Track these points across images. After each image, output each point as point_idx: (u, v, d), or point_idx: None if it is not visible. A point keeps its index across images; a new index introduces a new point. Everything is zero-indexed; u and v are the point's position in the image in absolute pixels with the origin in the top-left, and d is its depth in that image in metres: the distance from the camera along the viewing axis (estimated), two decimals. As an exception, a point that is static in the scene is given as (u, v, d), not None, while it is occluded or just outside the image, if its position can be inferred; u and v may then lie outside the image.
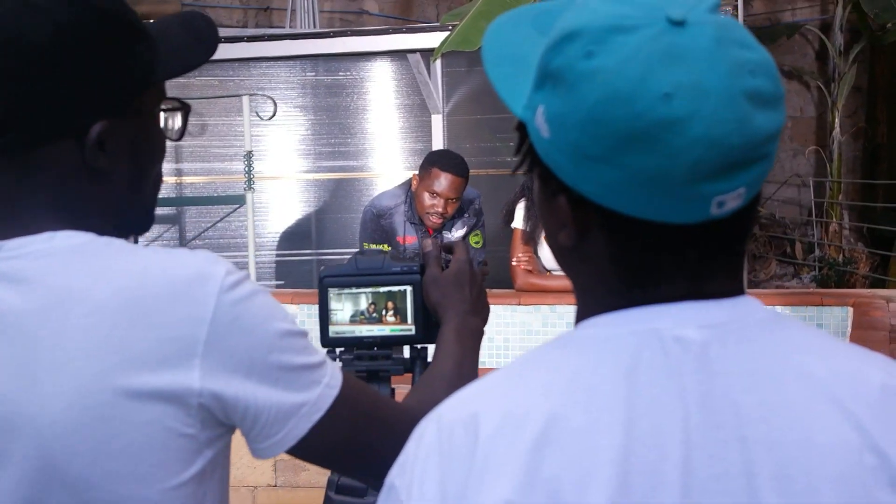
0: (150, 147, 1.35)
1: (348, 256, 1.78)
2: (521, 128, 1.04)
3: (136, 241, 1.35)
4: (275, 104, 6.48)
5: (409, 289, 1.74)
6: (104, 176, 1.27)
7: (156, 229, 7.34)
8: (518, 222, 5.43)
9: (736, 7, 6.38)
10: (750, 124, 0.94)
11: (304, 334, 1.25)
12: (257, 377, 1.19)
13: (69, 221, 1.24)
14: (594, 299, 1.04)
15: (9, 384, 1.16)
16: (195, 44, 1.39)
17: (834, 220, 10.88)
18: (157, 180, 1.39)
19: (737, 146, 0.93)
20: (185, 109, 1.41)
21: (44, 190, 1.24)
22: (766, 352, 0.98)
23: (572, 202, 1.00)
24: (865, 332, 3.94)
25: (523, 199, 5.47)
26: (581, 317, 1.05)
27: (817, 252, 10.79)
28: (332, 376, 1.26)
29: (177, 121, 1.39)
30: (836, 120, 11.06)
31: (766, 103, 0.95)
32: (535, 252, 5.36)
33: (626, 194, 0.96)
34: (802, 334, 1.01)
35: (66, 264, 1.20)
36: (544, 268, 5.34)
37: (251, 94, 6.57)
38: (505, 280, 5.63)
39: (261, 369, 1.20)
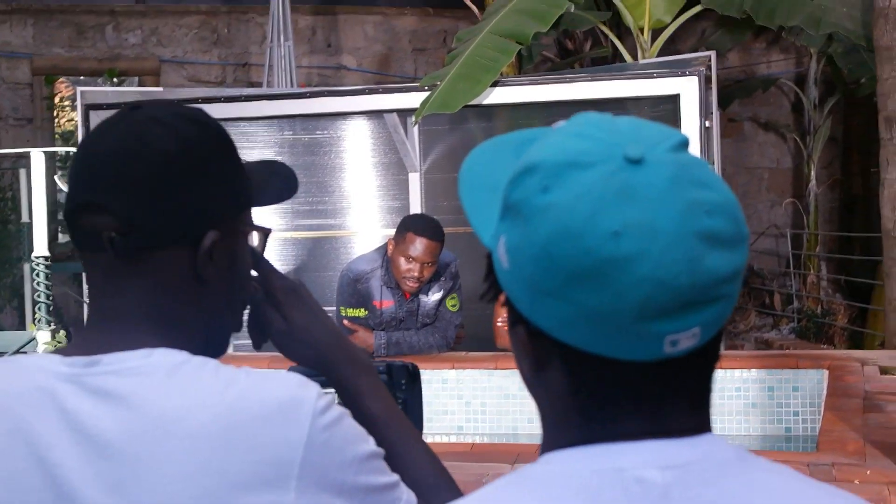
0: (244, 265, 1.43)
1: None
2: (489, 256, 1.04)
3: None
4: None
5: None
6: (207, 286, 1.34)
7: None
8: None
9: (709, 66, 6.41)
10: (701, 265, 0.93)
11: (381, 455, 1.31)
12: (346, 497, 1.24)
13: (164, 333, 1.30)
14: (556, 430, 1.03)
15: (107, 502, 1.20)
16: (283, 182, 1.49)
17: (812, 271, 10.93)
18: (244, 304, 1.46)
19: (686, 286, 0.92)
20: (267, 233, 1.47)
21: (149, 295, 1.30)
22: (729, 496, 0.96)
23: (530, 333, 1.00)
24: (840, 400, 3.95)
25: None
26: (545, 447, 1.04)
27: (796, 304, 10.82)
28: (407, 495, 1.32)
29: (258, 242, 1.46)
30: (812, 172, 11.14)
31: (723, 244, 0.94)
32: None
33: (579, 329, 0.96)
34: (767, 476, 1.00)
35: (163, 385, 1.24)
36: None
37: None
38: (486, 336, 5.64)
39: (349, 489, 1.25)
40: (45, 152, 3.44)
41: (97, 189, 1.30)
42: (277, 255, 7.65)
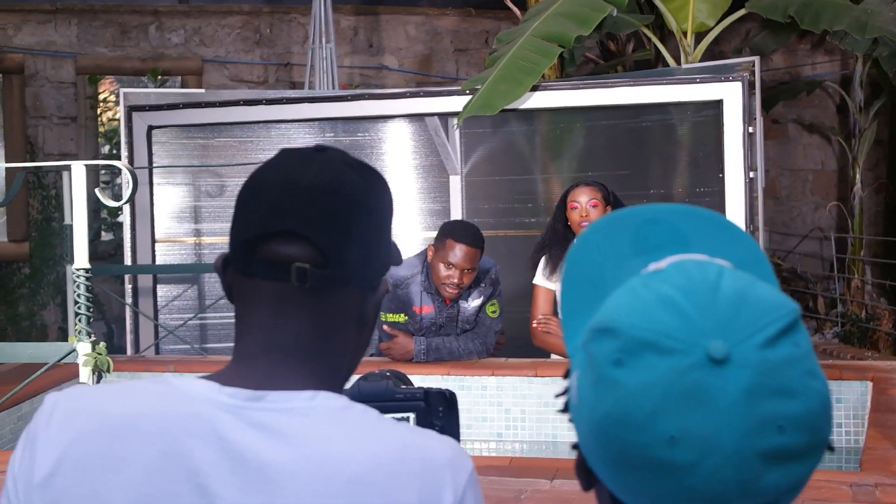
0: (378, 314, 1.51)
1: None
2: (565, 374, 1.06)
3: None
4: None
5: (412, 416, 1.74)
6: (363, 330, 1.41)
7: (175, 290, 7.35)
8: (538, 278, 5.46)
9: (753, 71, 6.35)
10: (756, 484, 0.91)
11: None
12: None
13: (319, 370, 1.35)
14: None
15: None
16: (396, 249, 1.52)
17: (856, 275, 10.83)
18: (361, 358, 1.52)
19: (735, 500, 0.91)
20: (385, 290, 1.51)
21: (318, 332, 1.35)
22: None
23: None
24: (884, 416, 3.90)
25: (545, 254, 5.49)
26: None
27: (840, 307, 10.73)
28: None
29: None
30: (858, 175, 11.04)
31: (791, 458, 0.91)
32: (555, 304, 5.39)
33: (621, 493, 0.97)
34: None
35: (327, 427, 1.27)
36: None
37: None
38: (526, 338, 5.62)
39: None
40: (86, 165, 3.43)
41: (298, 219, 1.33)
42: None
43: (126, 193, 3.41)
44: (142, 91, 7.99)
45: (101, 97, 11.43)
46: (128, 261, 6.96)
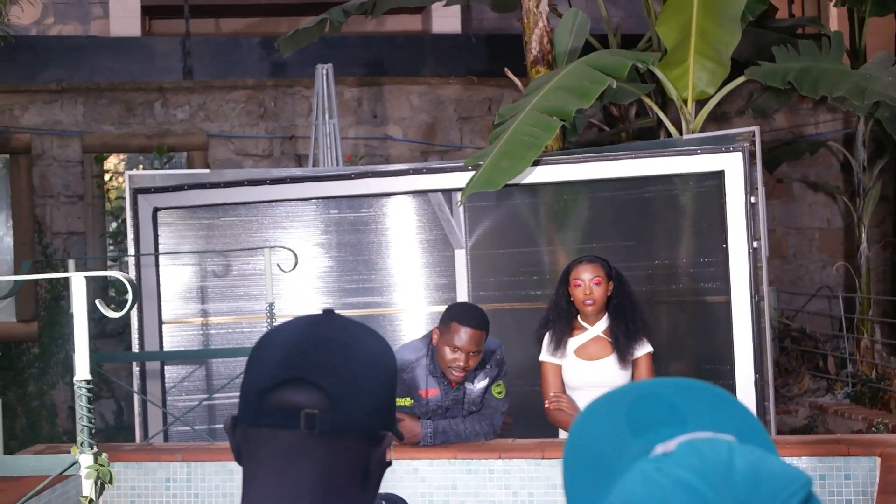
0: (382, 471, 1.52)
1: None
2: None
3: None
4: (296, 256, 6.51)
5: None
6: (368, 483, 1.45)
7: (183, 370, 7.36)
8: (544, 355, 5.47)
9: (753, 141, 6.38)
10: None
11: None
12: None
13: None
14: None
15: None
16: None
17: (866, 335, 10.79)
18: None
19: None
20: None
21: (323, 481, 1.39)
22: None
23: None
24: (891, 498, 3.87)
25: (548, 330, 5.50)
26: None
27: (850, 367, 10.68)
28: None
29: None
30: (864, 234, 11.03)
31: None
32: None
33: None
34: None
35: None
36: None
37: (272, 247, 6.61)
38: (534, 413, 5.62)
39: None
40: (86, 276, 3.47)
41: (307, 367, 1.40)
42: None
43: (129, 299, 3.42)
44: (147, 173, 8.05)
45: (108, 169, 11.49)
46: (135, 343, 6.97)
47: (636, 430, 1.03)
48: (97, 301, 3.44)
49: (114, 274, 3.48)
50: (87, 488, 3.47)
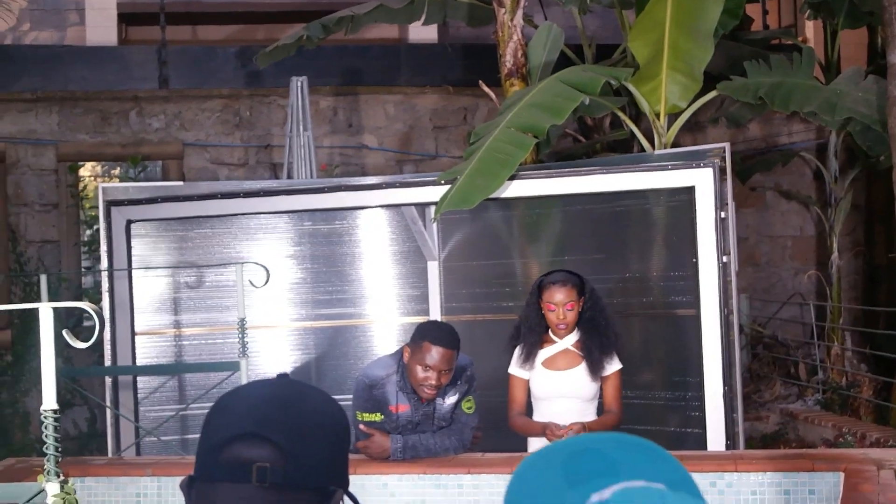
0: None
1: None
2: None
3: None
4: (267, 272, 6.54)
5: None
6: None
7: (155, 381, 7.36)
8: (513, 368, 5.52)
9: (724, 157, 6.44)
10: None
11: None
12: None
13: None
14: None
15: None
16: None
17: (836, 342, 10.88)
18: None
19: None
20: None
21: None
22: None
23: None
24: (852, 518, 3.93)
25: (518, 343, 5.55)
26: None
27: (821, 374, 10.77)
28: None
29: None
30: (835, 244, 11.12)
31: None
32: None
33: None
34: None
35: None
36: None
37: (243, 262, 6.63)
38: (503, 423, 5.67)
39: None
40: (53, 308, 3.50)
41: (259, 422, 1.44)
42: (298, 345, 7.71)
43: (96, 328, 3.45)
44: (120, 186, 8.06)
45: (83, 177, 11.47)
46: (107, 355, 6.98)
47: (572, 483, 1.07)
48: (64, 332, 3.47)
49: (81, 305, 3.51)
50: (54, 516, 3.50)
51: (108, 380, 7.06)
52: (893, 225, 10.00)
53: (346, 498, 1.57)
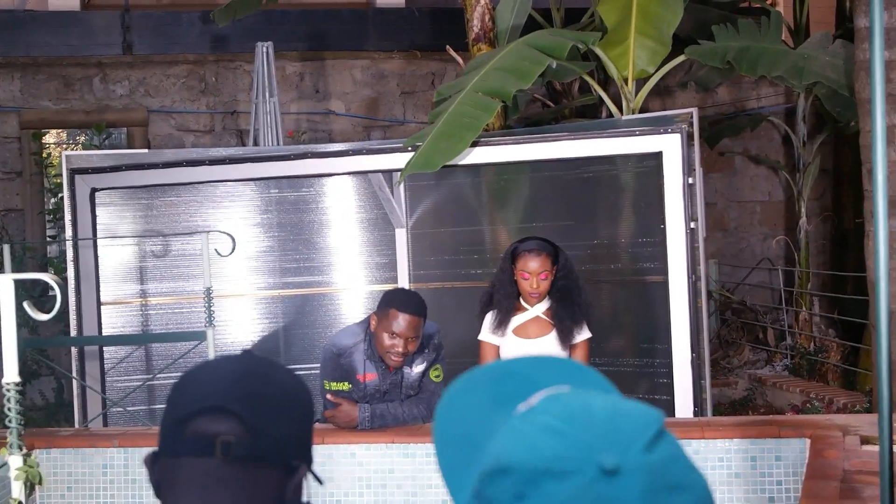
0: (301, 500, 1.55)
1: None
2: None
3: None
4: (233, 241, 6.48)
5: None
6: None
7: (122, 351, 7.31)
8: (484, 334, 5.48)
9: (691, 123, 6.41)
10: None
11: None
12: None
13: None
14: None
15: None
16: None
17: (804, 308, 10.92)
18: None
19: None
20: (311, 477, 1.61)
21: (244, 502, 1.43)
22: None
23: None
24: (817, 484, 3.93)
25: (490, 310, 5.51)
26: None
27: (789, 340, 10.82)
28: None
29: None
30: (803, 209, 11.14)
31: None
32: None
33: None
34: None
35: None
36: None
37: (209, 232, 6.57)
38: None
39: None
40: (14, 280, 3.44)
41: (225, 397, 1.44)
42: (265, 314, 7.66)
43: (58, 300, 3.39)
44: (84, 154, 7.97)
45: (46, 145, 11.35)
46: (73, 325, 6.91)
47: (498, 403, 1.06)
48: (25, 303, 3.41)
49: (43, 277, 3.45)
50: (17, 490, 3.46)
51: (75, 350, 6.99)
52: (861, 189, 10.03)
53: (309, 475, 1.56)
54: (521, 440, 0.98)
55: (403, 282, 7.41)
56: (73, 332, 6.91)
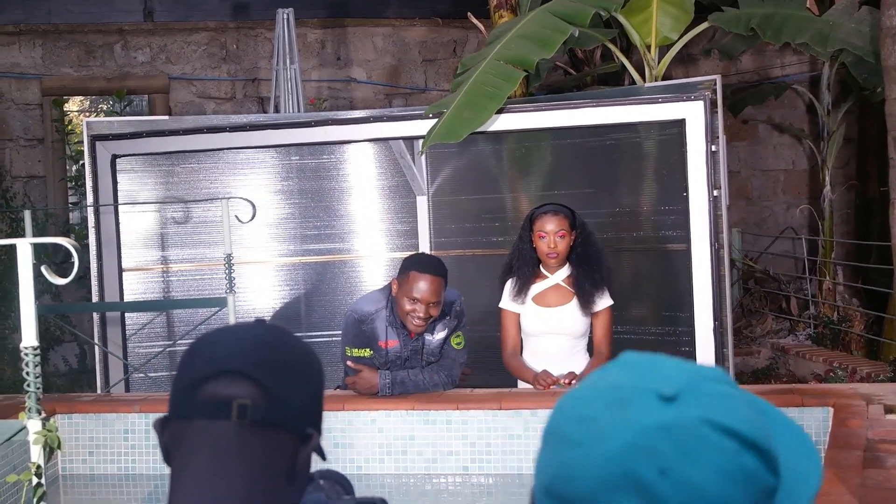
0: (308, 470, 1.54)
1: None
2: None
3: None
4: (253, 207, 6.47)
5: None
6: (295, 481, 1.46)
7: (144, 317, 7.32)
8: (505, 302, 5.48)
9: (714, 90, 6.35)
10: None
11: None
12: None
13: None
14: None
15: None
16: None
17: (828, 277, 10.86)
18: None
19: None
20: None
21: (253, 476, 1.41)
22: None
23: None
24: (840, 453, 3.91)
25: (510, 277, 5.50)
26: None
27: (812, 309, 10.76)
28: None
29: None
30: (827, 177, 11.05)
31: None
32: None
33: None
34: None
35: None
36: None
37: (229, 198, 6.56)
38: (493, 361, 5.65)
39: None
40: (33, 244, 3.44)
41: (242, 361, 1.43)
42: (286, 280, 7.66)
43: (75, 265, 3.39)
44: (105, 120, 7.96)
45: (69, 112, 11.36)
46: (94, 292, 6.93)
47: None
48: (43, 268, 3.40)
49: (61, 241, 3.44)
50: (35, 454, 3.46)
51: (96, 316, 7.01)
52: (886, 158, 9.93)
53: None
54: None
55: (424, 249, 7.40)
56: (94, 299, 6.92)
